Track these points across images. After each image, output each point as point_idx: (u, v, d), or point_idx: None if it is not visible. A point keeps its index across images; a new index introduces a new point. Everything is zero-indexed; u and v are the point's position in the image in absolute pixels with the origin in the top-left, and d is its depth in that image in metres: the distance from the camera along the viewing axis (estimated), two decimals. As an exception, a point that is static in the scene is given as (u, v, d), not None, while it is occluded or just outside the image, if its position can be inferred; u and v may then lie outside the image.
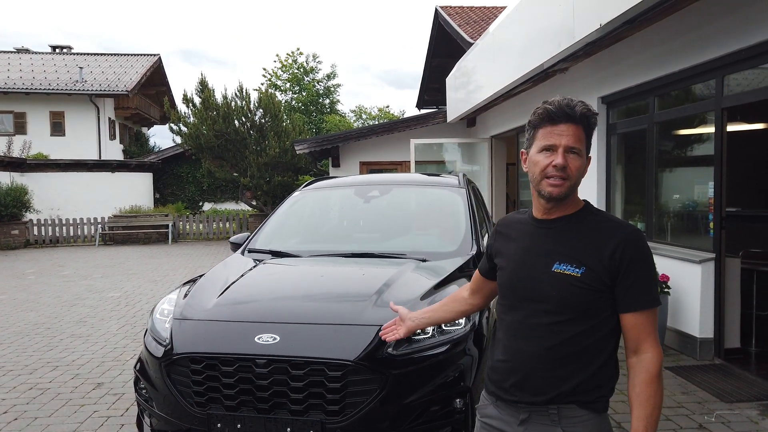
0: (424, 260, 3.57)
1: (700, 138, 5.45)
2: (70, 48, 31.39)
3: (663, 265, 5.24)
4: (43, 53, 29.94)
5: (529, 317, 1.61)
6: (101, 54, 30.29)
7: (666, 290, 5.12)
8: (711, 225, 5.03)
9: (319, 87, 36.76)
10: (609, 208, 6.83)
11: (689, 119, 5.50)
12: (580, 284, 1.53)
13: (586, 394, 1.57)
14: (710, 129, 5.04)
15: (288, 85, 36.19)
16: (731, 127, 5.68)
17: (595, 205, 1.70)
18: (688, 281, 5.09)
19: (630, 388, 1.56)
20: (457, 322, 2.81)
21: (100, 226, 17.28)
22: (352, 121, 37.63)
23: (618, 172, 6.84)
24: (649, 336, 1.55)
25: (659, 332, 5.09)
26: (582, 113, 1.56)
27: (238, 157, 17.17)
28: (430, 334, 2.73)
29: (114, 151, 26.37)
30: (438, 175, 5.23)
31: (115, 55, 30.00)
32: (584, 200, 1.67)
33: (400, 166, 13.51)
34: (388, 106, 46.00)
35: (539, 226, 1.66)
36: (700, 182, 5.38)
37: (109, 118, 26.09)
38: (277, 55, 44.56)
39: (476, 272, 1.97)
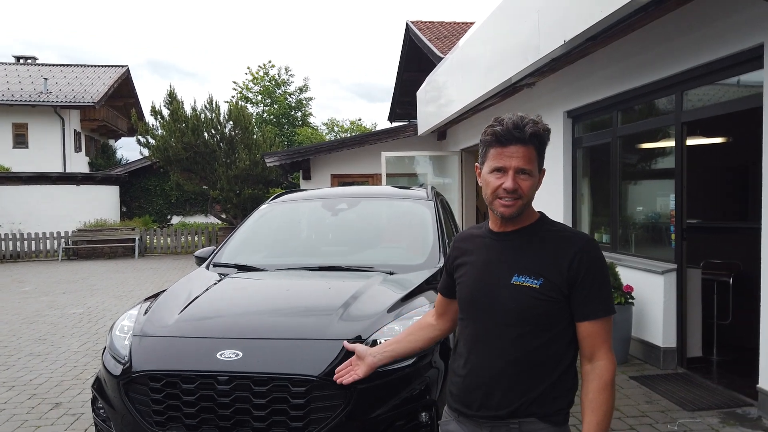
0: (391, 273, 3.55)
1: (661, 151, 5.59)
2: (34, 59, 30.73)
3: (627, 276, 5.34)
4: (6, 64, 29.21)
5: (489, 330, 1.61)
6: (67, 65, 29.71)
7: (630, 301, 5.21)
8: (673, 236, 5.15)
9: (291, 100, 36.66)
10: (575, 220, 6.95)
11: (651, 133, 5.65)
12: (539, 295, 1.54)
13: (545, 406, 1.57)
14: (671, 143, 5.18)
15: (259, 97, 36.01)
16: (691, 141, 5.84)
17: (562, 218, 1.74)
18: (651, 292, 5.19)
19: (583, 394, 1.58)
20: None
21: (63, 240, 16.82)
22: (324, 133, 37.58)
23: (584, 185, 6.96)
24: (604, 344, 1.58)
25: (624, 343, 5.19)
26: (532, 134, 1.55)
27: (207, 170, 16.97)
28: (396, 347, 2.71)
29: (79, 163, 25.80)
30: (407, 188, 5.24)
31: (81, 66, 29.46)
32: (539, 212, 1.69)
33: (372, 179, 13.53)
34: (360, 119, 46.11)
35: (497, 239, 1.67)
36: (662, 194, 5.51)
37: (75, 130, 25.55)
38: (249, 68, 44.30)
39: (438, 296, 1.92)
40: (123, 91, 28.28)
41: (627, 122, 5.92)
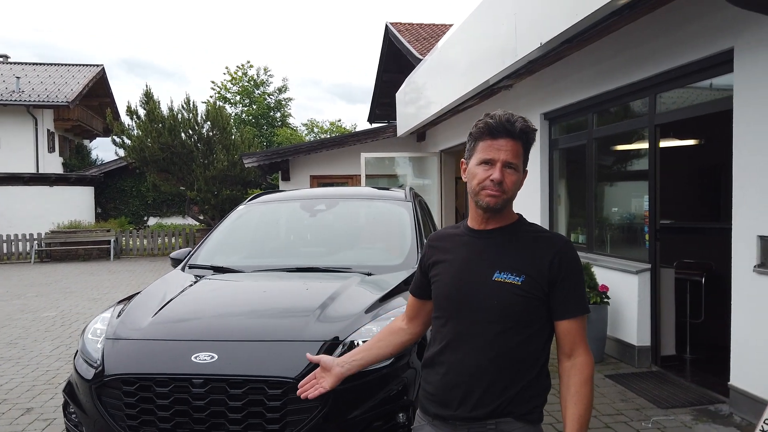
0: (369, 274, 3.55)
1: (636, 153, 5.68)
2: (6, 57, 30.02)
3: (603, 275, 5.41)
4: (-24, 62, 28.53)
5: (469, 328, 1.61)
6: (40, 64, 29.11)
7: (606, 300, 5.28)
8: (647, 237, 5.23)
9: (270, 100, 36.45)
10: (552, 221, 7.02)
11: (626, 135, 5.74)
12: (520, 292, 1.57)
13: (521, 405, 1.59)
14: (645, 145, 5.26)
15: (238, 98, 35.74)
16: (665, 143, 5.95)
17: (539, 219, 1.77)
18: (626, 291, 5.27)
19: (564, 389, 1.61)
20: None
21: (36, 242, 16.48)
22: (303, 134, 37.41)
23: (560, 186, 7.04)
24: (583, 340, 1.63)
25: (600, 342, 5.25)
26: (521, 129, 1.59)
27: (184, 171, 16.78)
28: (373, 348, 2.70)
29: (53, 164, 25.28)
30: (386, 189, 5.25)
31: (55, 65, 28.87)
32: (518, 214, 1.71)
33: (351, 180, 13.51)
34: (340, 120, 46.05)
35: (477, 236, 1.67)
36: (637, 196, 5.60)
37: (48, 130, 25.05)
38: (227, 68, 43.89)
39: (410, 298, 1.88)
40: (98, 90, 27.80)
41: (602, 124, 6.01)
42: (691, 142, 6.97)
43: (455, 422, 1.62)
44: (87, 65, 28.63)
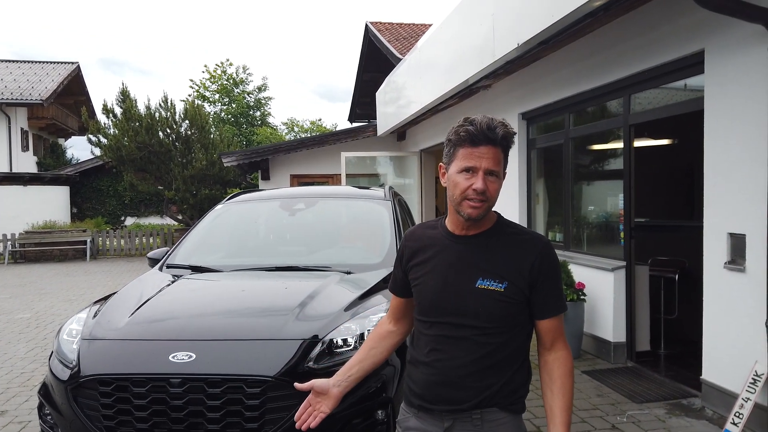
0: (348, 272, 3.57)
1: (611, 152, 5.78)
2: (-22, 54, 29.37)
3: (580, 273, 5.49)
4: (-54, 58, 27.83)
5: (453, 331, 1.63)
6: (14, 61, 28.48)
7: (582, 297, 5.36)
8: (622, 235, 5.32)
9: (249, 99, 36.18)
10: (530, 220, 7.10)
11: (601, 135, 5.83)
12: (503, 298, 1.59)
13: (506, 397, 1.63)
14: (620, 144, 5.35)
15: (217, 96, 35.40)
16: (639, 143, 6.06)
17: (517, 218, 1.79)
18: (602, 288, 5.35)
19: (548, 381, 1.65)
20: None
21: (9, 242, 16.15)
22: (284, 133, 37.20)
23: (538, 185, 7.13)
24: (562, 335, 1.69)
25: (576, 338, 5.34)
26: (503, 136, 1.57)
27: (162, 170, 16.59)
28: (353, 345, 2.72)
29: (27, 163, 24.77)
30: (366, 188, 5.26)
31: (28, 62, 28.26)
32: (495, 213, 1.71)
33: (332, 179, 13.49)
34: (320, 119, 45.88)
35: (458, 242, 1.67)
36: (612, 194, 5.69)
37: (22, 129, 24.54)
38: (206, 66, 43.58)
39: (393, 299, 1.87)
40: (73, 88, 27.30)
41: (579, 124, 6.10)
42: (665, 141, 7.11)
43: (441, 414, 1.64)
44: (62, 63, 28.09)
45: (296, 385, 1.79)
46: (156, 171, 16.60)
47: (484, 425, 1.61)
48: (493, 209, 1.69)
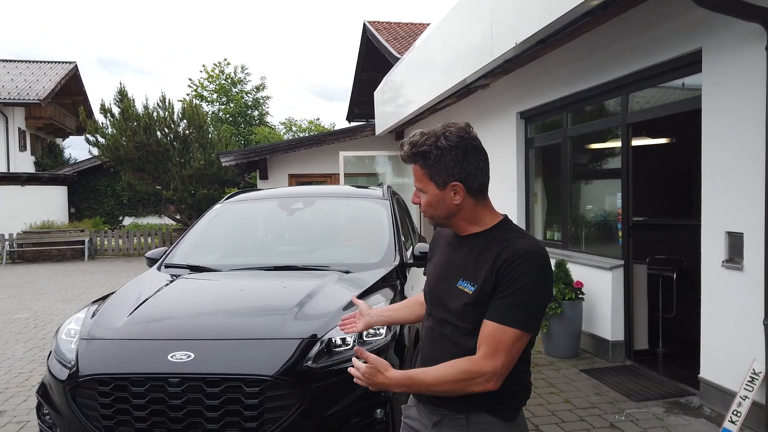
0: (347, 272, 3.57)
1: (609, 151, 5.78)
2: (-25, 54, 29.31)
3: (578, 272, 5.50)
4: (-57, 58, 27.74)
5: (437, 326, 1.70)
6: (11, 61, 28.41)
7: (580, 296, 5.36)
8: (620, 233, 5.33)
9: (247, 98, 36.15)
10: (528, 219, 7.11)
11: (599, 134, 5.83)
12: (471, 300, 1.58)
13: (493, 404, 1.60)
14: (617, 143, 5.36)
15: (215, 96, 35.36)
16: (637, 142, 6.07)
17: (515, 217, 1.79)
18: (600, 287, 5.36)
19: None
20: (378, 332, 2.83)
21: (7, 242, 16.11)
22: (282, 133, 37.17)
23: (536, 185, 7.13)
24: (489, 347, 1.52)
25: (575, 337, 5.34)
26: (409, 155, 1.64)
27: (160, 170, 16.57)
28: (351, 345, 2.72)
29: (25, 163, 24.73)
30: (364, 188, 5.27)
31: (26, 62, 28.20)
32: (503, 215, 1.69)
33: (330, 179, 13.49)
34: (318, 119, 45.74)
35: (456, 241, 1.73)
36: (610, 193, 5.70)
37: (19, 129, 24.49)
38: (204, 66, 43.50)
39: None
40: (71, 88, 27.25)
41: (577, 123, 6.10)
42: (662, 140, 7.11)
43: (435, 407, 1.66)
44: (59, 62, 28.03)
45: (353, 298, 2.13)
46: (154, 171, 16.58)
47: (470, 426, 1.61)
48: (504, 213, 1.71)
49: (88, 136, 17.02)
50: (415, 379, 1.57)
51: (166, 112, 16.75)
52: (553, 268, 1.88)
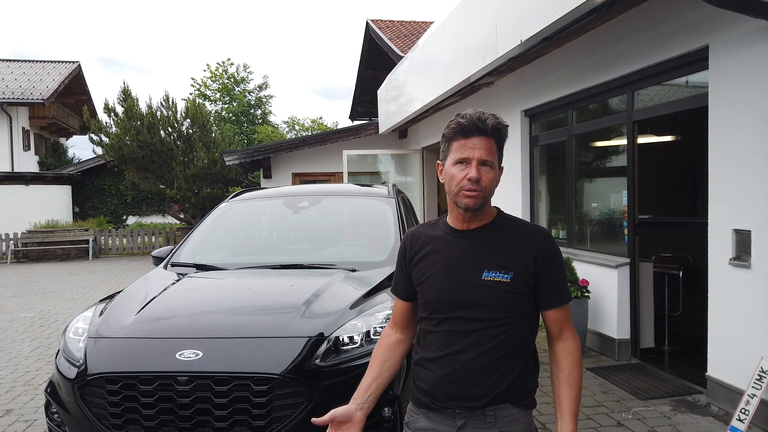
0: (353, 270, 3.57)
1: (614, 149, 5.77)
2: (-21, 53, 29.37)
3: (583, 270, 5.49)
4: (-52, 58, 27.81)
5: (462, 325, 1.63)
6: (14, 60, 28.48)
7: (586, 294, 5.35)
8: (626, 231, 5.31)
9: (250, 97, 36.18)
10: (533, 217, 7.09)
11: (604, 132, 5.82)
12: (510, 288, 1.61)
13: (517, 392, 1.64)
14: (623, 141, 5.34)
15: (218, 95, 35.41)
16: (643, 139, 6.05)
17: (520, 215, 1.79)
18: (606, 285, 5.35)
19: (557, 371, 1.67)
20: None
21: (12, 242, 16.17)
22: (284, 132, 37.20)
23: (541, 182, 7.11)
24: (569, 324, 1.71)
25: (581, 336, 5.32)
26: (493, 126, 1.61)
27: (164, 169, 16.60)
28: (359, 343, 2.72)
29: (29, 162, 24.80)
30: (369, 186, 5.26)
31: (29, 61, 28.26)
32: (496, 208, 1.73)
33: (333, 177, 13.49)
34: (321, 118, 45.86)
35: (461, 236, 1.68)
36: (616, 191, 5.68)
37: (23, 128, 24.56)
38: (207, 65, 43.54)
39: (397, 303, 1.84)
40: (74, 87, 27.30)
41: (582, 121, 6.08)
42: (668, 138, 7.09)
43: (453, 411, 1.63)
44: (63, 62, 28.07)
45: (314, 420, 1.67)
46: (158, 170, 16.61)
47: (497, 421, 1.62)
48: (496, 205, 1.71)
49: (92, 135, 17.07)
50: (573, 409, 1.63)
51: (170, 112, 16.78)
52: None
